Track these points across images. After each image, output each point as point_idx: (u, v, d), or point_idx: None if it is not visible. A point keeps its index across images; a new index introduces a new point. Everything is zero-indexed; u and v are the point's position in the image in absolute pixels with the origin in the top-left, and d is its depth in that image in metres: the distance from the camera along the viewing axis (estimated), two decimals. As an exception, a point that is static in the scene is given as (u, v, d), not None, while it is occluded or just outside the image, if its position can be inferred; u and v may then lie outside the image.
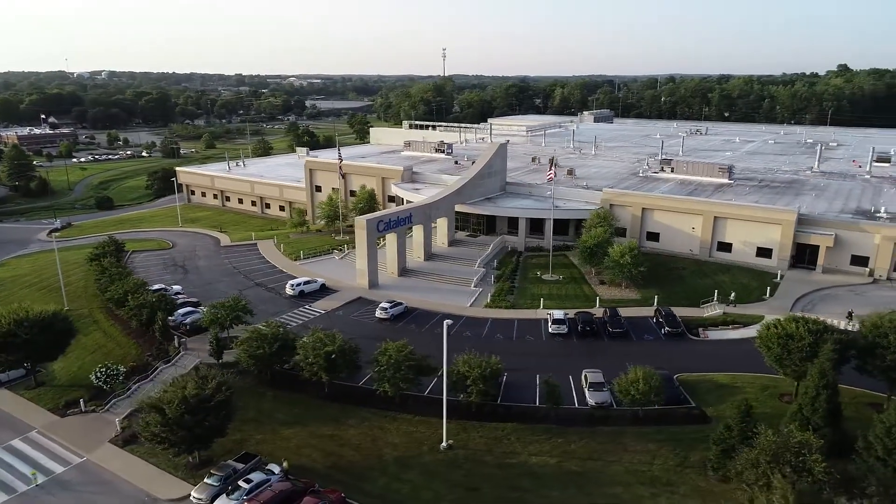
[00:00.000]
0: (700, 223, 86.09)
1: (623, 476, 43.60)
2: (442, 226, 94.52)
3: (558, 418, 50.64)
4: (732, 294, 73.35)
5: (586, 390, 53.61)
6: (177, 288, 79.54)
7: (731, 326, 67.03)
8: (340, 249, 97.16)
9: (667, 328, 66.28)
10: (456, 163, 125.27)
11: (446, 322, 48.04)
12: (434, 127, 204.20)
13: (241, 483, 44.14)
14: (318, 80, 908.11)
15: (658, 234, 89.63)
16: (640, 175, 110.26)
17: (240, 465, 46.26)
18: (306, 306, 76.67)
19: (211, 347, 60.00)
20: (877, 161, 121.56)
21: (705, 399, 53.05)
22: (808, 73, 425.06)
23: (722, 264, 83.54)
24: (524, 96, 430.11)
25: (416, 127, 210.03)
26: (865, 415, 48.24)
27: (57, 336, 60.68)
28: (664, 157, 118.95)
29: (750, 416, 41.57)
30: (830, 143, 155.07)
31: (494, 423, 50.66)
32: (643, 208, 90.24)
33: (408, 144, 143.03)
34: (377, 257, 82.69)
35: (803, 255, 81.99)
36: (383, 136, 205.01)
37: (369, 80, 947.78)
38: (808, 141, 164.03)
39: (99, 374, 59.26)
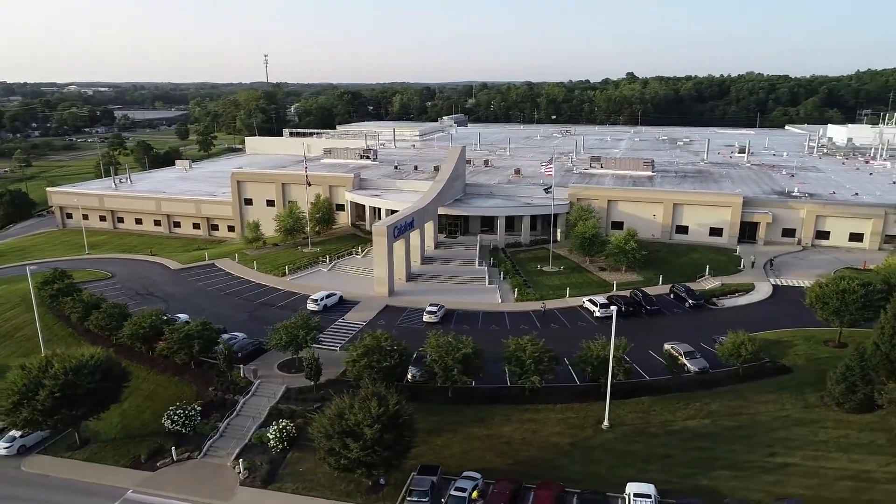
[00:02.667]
0: (661, 210, 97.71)
1: (774, 422, 50.48)
2: (428, 229, 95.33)
3: (678, 386, 56.22)
4: (753, 257, 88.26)
5: (684, 360, 59.72)
6: (184, 317, 71.13)
7: (736, 294, 78.10)
8: (323, 261, 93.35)
9: (690, 301, 75.33)
10: (396, 167, 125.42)
11: (613, 308, 51.05)
12: (319, 135, 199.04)
13: (453, 493, 43.31)
14: (107, 89, 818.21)
15: (622, 222, 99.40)
16: (576, 172, 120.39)
17: (433, 478, 45.08)
18: (340, 320, 73.67)
19: (309, 369, 56.05)
20: (738, 153, 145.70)
21: (770, 354, 62.06)
22: (595, 80, 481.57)
23: (688, 245, 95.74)
24: (357, 103, 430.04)
25: (296, 135, 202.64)
26: None
27: (114, 383, 52.65)
28: (592, 155, 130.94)
29: (865, 357, 50.79)
30: (684, 139, 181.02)
31: (629, 399, 54.67)
32: (609, 200, 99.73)
33: (328, 152, 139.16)
34: (393, 264, 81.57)
35: (744, 231, 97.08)
36: (262, 146, 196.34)
37: (164, 87, 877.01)
38: (664, 138, 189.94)
39: (175, 418, 52.71)
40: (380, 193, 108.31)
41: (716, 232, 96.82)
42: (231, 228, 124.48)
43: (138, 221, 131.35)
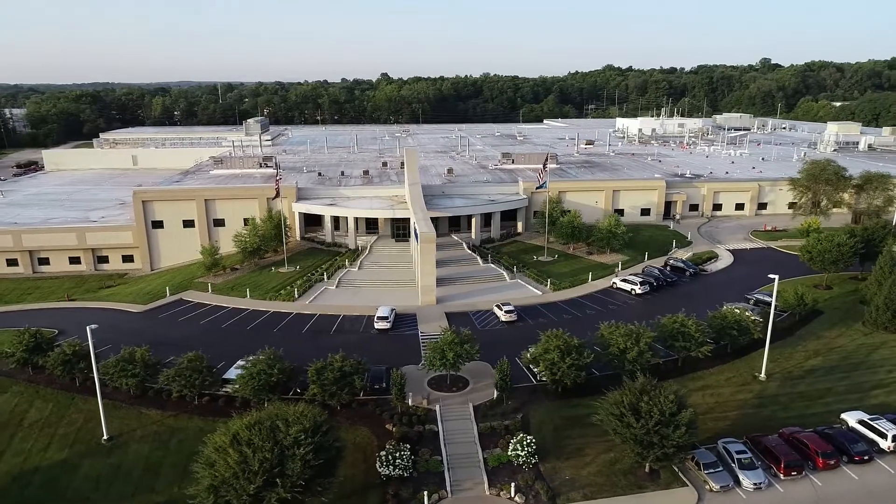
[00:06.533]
0: (603, 197, 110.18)
1: (861, 349, 64.32)
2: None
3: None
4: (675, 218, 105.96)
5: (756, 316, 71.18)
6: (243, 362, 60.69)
7: (712, 261, 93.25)
8: (321, 278, 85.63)
9: (691, 271, 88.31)
10: (319, 174, 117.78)
11: (772, 275, 59.32)
12: (148, 144, 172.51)
13: (738, 457, 47.85)
14: None
15: (569, 210, 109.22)
16: (491, 168, 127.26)
17: (702, 448, 49.00)
18: (421, 334, 70.24)
19: (503, 382, 54.32)
20: (585, 144, 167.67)
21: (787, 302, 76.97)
22: (333, 80, 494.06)
23: (628, 225, 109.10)
24: (100, 106, 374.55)
25: (112, 145, 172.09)
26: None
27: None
28: (503, 151, 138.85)
29: (899, 288, 67.65)
30: (518, 135, 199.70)
31: (748, 354, 63.88)
32: (559, 191, 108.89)
33: (219, 162, 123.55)
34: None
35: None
36: (66, 160, 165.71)
37: None
38: (498, 133, 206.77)
39: (397, 462, 47.77)
40: (333, 202, 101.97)
41: (645, 212, 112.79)
42: (128, 258, 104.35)
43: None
